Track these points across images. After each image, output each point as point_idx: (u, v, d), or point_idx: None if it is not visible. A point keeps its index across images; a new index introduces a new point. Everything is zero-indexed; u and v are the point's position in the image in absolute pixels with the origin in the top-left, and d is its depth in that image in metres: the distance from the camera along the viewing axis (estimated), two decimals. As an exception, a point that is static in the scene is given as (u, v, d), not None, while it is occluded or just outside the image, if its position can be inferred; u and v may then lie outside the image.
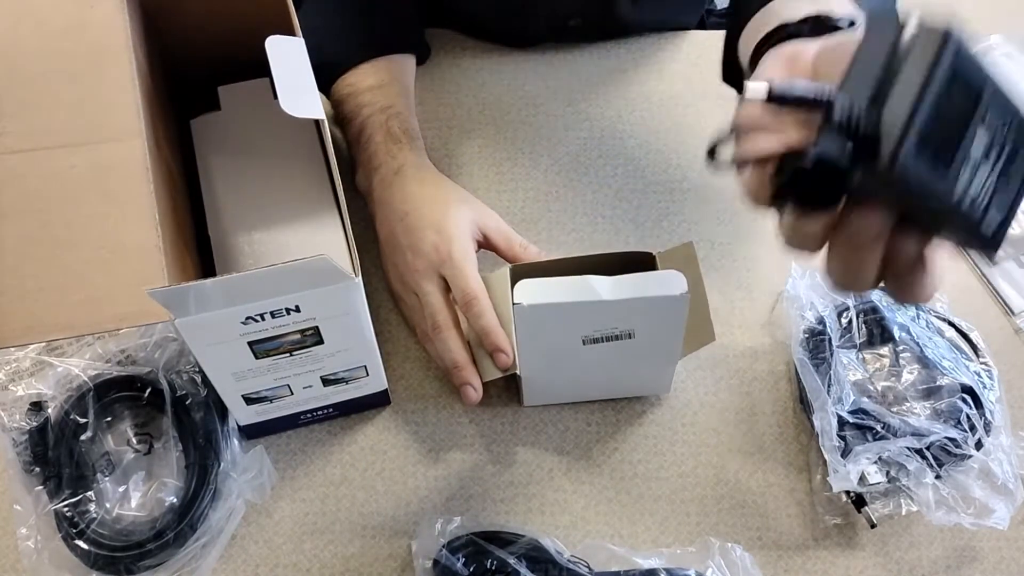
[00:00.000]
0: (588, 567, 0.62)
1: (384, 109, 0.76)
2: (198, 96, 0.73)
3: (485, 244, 0.71)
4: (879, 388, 0.69)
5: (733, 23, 0.67)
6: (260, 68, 0.60)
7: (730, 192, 0.82)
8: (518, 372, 0.65)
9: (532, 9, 0.86)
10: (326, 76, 0.78)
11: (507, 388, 0.71)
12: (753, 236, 0.79)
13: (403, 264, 0.70)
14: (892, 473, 0.64)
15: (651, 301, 0.60)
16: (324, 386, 0.64)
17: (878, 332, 0.71)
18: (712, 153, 0.45)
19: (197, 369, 0.66)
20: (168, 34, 0.70)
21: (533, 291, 0.60)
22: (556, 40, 0.89)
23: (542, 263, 0.69)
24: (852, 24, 0.55)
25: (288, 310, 0.55)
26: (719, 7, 1.05)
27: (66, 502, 0.62)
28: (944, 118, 0.39)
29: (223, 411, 0.65)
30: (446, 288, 0.68)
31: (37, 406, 0.65)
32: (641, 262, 0.66)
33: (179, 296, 0.51)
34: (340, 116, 0.79)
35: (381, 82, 0.78)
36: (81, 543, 0.61)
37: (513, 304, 0.60)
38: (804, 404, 0.70)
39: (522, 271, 0.64)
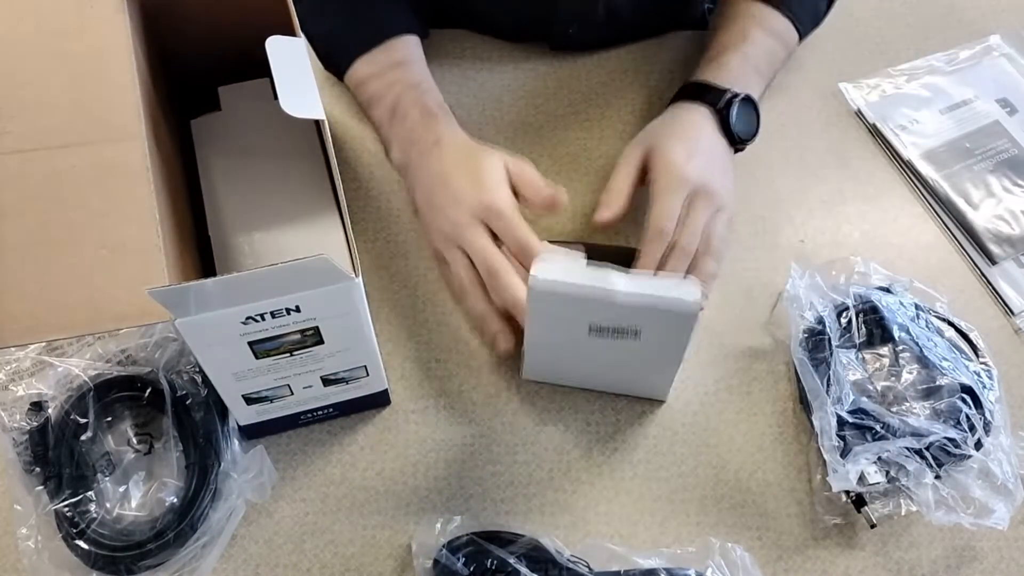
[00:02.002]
0: (588, 567, 0.62)
1: (415, 85, 0.77)
2: (198, 96, 0.73)
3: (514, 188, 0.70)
4: (879, 388, 0.69)
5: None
6: (260, 68, 0.61)
7: (730, 192, 0.82)
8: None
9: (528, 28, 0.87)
10: (343, 57, 0.79)
11: (507, 387, 0.71)
12: (753, 236, 0.79)
13: (445, 221, 0.69)
14: (892, 473, 0.64)
15: (663, 308, 0.60)
16: (324, 386, 0.64)
17: (878, 332, 0.71)
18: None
19: (197, 369, 0.66)
20: (168, 34, 0.70)
21: (551, 268, 0.60)
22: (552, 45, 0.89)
23: (576, 243, 0.69)
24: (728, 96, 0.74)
25: (288, 310, 0.55)
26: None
27: (66, 502, 0.62)
28: None
29: (223, 411, 0.65)
30: (493, 236, 0.67)
31: (37, 406, 0.65)
32: None
33: (179, 296, 0.51)
34: (366, 95, 0.79)
35: (407, 59, 0.79)
36: (81, 543, 0.61)
37: (529, 276, 0.60)
38: (804, 404, 0.70)
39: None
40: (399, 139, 0.76)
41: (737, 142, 0.76)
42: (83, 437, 0.65)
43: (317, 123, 0.70)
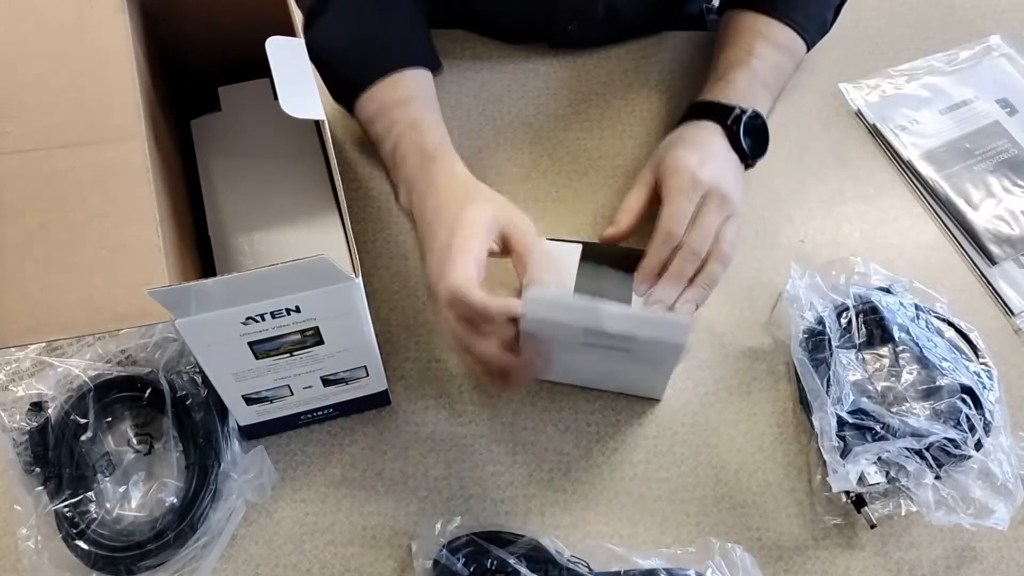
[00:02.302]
0: (588, 567, 0.62)
1: (415, 125, 0.74)
2: (198, 96, 0.73)
3: (503, 245, 0.67)
4: (879, 388, 0.69)
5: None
6: (260, 68, 0.61)
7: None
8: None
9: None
10: (351, 90, 0.77)
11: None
12: (753, 236, 0.79)
13: (427, 263, 0.67)
14: (892, 473, 0.64)
15: (651, 341, 0.61)
16: (324, 386, 0.64)
17: (878, 332, 0.71)
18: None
19: (197, 369, 0.66)
20: (168, 34, 0.70)
21: (542, 301, 0.61)
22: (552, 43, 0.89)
23: (576, 240, 0.70)
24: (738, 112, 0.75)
25: (288, 310, 0.55)
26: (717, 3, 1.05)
27: (66, 502, 0.62)
28: None
29: (223, 411, 0.65)
30: None
31: (37, 406, 0.65)
32: None
33: (179, 296, 0.51)
34: (373, 134, 0.77)
35: (410, 95, 0.76)
36: (81, 543, 0.61)
37: (522, 297, 0.61)
38: (804, 404, 0.70)
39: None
40: (403, 182, 0.74)
41: (747, 158, 0.76)
42: (83, 437, 0.65)
43: (317, 123, 0.70)
